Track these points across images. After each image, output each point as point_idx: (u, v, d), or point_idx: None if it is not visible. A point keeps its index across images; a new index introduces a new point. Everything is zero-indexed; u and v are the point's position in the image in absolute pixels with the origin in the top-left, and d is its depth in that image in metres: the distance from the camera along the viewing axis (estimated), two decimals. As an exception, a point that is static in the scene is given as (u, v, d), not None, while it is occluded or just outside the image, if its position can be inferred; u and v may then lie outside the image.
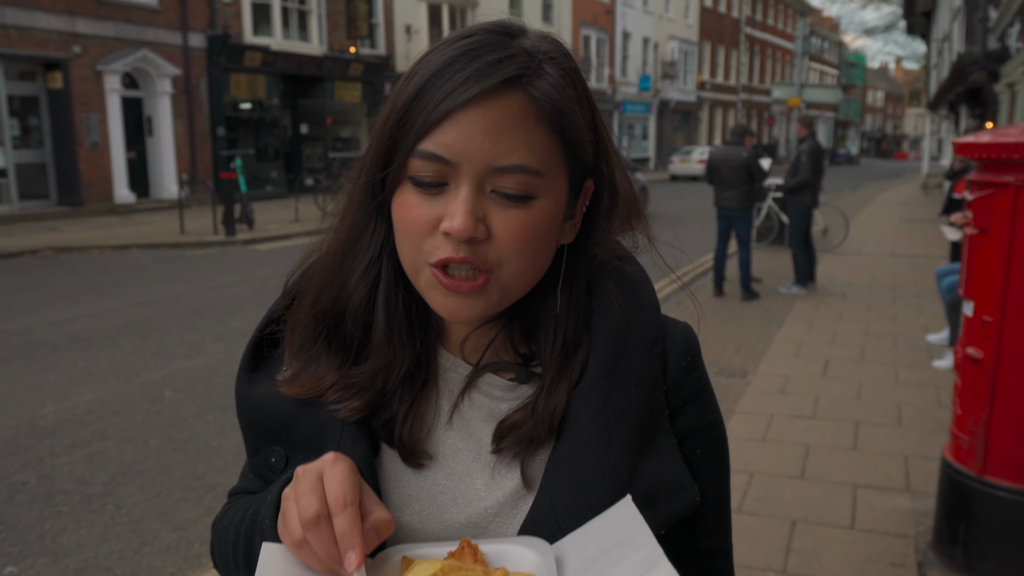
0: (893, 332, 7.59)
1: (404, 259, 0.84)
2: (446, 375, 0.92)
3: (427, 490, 0.89)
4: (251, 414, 0.93)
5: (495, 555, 0.79)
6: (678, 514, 0.83)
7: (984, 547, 3.22)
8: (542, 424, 0.86)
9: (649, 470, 0.83)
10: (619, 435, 0.83)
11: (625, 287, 0.90)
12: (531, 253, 0.81)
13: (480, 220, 0.78)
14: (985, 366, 3.18)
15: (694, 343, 0.92)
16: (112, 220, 16.81)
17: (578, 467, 0.83)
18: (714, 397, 0.93)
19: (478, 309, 0.82)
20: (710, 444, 0.91)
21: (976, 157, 3.18)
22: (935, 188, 26.80)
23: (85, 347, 7.07)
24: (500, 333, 0.90)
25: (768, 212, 12.60)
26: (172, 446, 4.85)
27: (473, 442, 0.90)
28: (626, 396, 0.85)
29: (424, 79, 0.78)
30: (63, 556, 3.61)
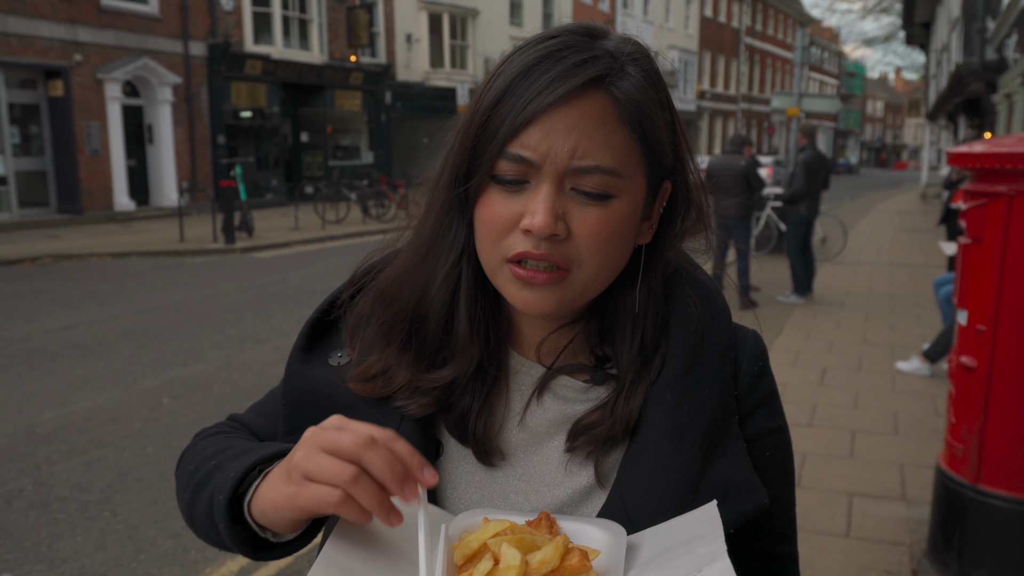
0: (890, 341, 7.60)
1: (483, 256, 0.85)
2: (517, 376, 0.93)
3: (499, 489, 0.90)
4: (300, 394, 0.93)
5: (570, 532, 0.81)
6: (746, 515, 0.84)
7: (978, 555, 3.23)
8: (620, 424, 0.87)
9: (719, 470, 0.85)
10: (691, 434, 0.85)
11: (701, 294, 0.92)
12: (609, 251, 0.83)
13: (560, 218, 0.80)
14: (979, 375, 3.19)
15: (763, 350, 0.94)
16: (112, 228, 16.83)
17: (650, 463, 0.85)
18: (781, 403, 0.95)
19: (553, 303, 0.83)
20: (778, 448, 0.93)
21: (970, 167, 3.20)
22: (934, 198, 26.85)
23: (83, 354, 7.07)
24: (577, 335, 0.91)
25: (767, 221, 12.62)
26: (170, 453, 4.85)
27: (545, 442, 0.91)
28: (700, 397, 0.86)
29: (509, 80, 0.79)
30: (59, 563, 3.61)
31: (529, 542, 0.75)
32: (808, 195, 9.35)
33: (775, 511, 0.90)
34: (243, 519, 0.81)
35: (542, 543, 0.75)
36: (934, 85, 32.97)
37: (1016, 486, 3.13)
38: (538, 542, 0.75)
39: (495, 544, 0.74)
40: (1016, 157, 3.00)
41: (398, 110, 26.10)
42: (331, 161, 24.46)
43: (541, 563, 0.72)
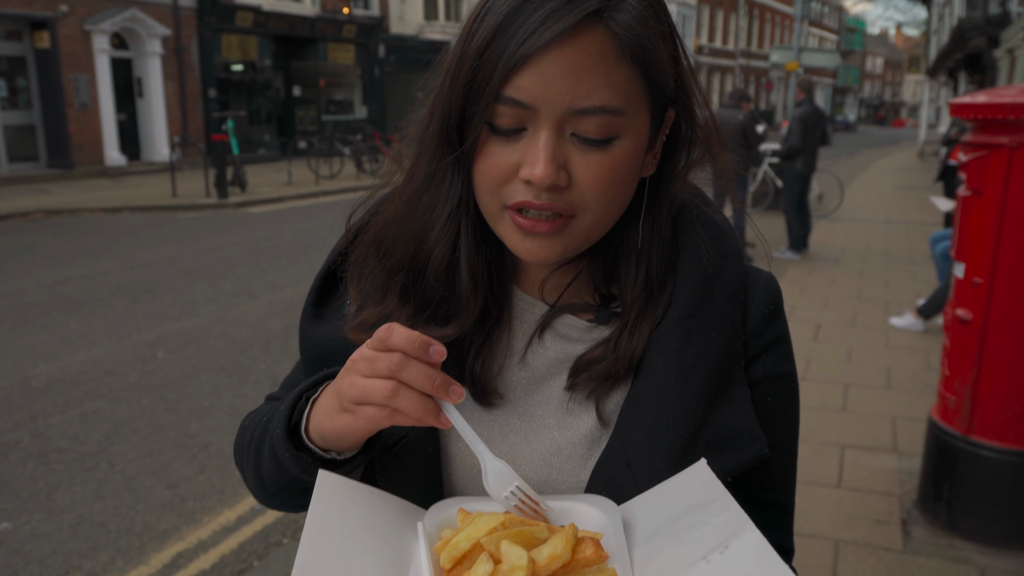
0: (885, 297, 7.62)
1: (482, 204, 0.82)
2: (521, 315, 0.90)
3: (498, 429, 0.88)
4: (314, 349, 0.93)
5: (559, 512, 0.77)
6: (745, 464, 0.82)
7: (967, 505, 3.27)
8: (623, 360, 0.85)
9: (721, 417, 0.82)
10: (696, 378, 0.82)
11: (712, 233, 0.89)
12: (614, 195, 0.79)
13: (561, 166, 0.76)
14: (974, 327, 3.20)
15: (777, 293, 0.91)
16: (103, 183, 16.68)
17: (652, 406, 0.82)
18: (791, 349, 0.92)
19: (557, 251, 0.80)
20: (782, 395, 0.90)
21: (972, 118, 3.16)
22: (932, 156, 26.72)
23: (77, 309, 7.05)
24: (582, 273, 0.88)
25: (764, 177, 12.55)
26: (165, 406, 4.86)
27: (546, 381, 0.89)
28: (706, 340, 0.84)
29: (499, 19, 0.74)
30: (57, 512, 3.64)
31: (529, 535, 0.68)
32: (804, 151, 9.27)
33: (773, 459, 0.87)
34: (305, 446, 0.83)
35: (543, 535, 0.68)
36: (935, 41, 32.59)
37: (1007, 437, 3.16)
38: (538, 534, 0.68)
39: (491, 542, 0.67)
40: (1018, 108, 2.97)
41: (392, 64, 25.74)
42: (324, 116, 24.17)
43: (551, 559, 0.65)
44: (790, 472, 0.93)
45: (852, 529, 3.37)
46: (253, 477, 0.92)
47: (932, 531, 3.35)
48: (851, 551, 3.21)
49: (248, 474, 0.94)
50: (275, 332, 6.37)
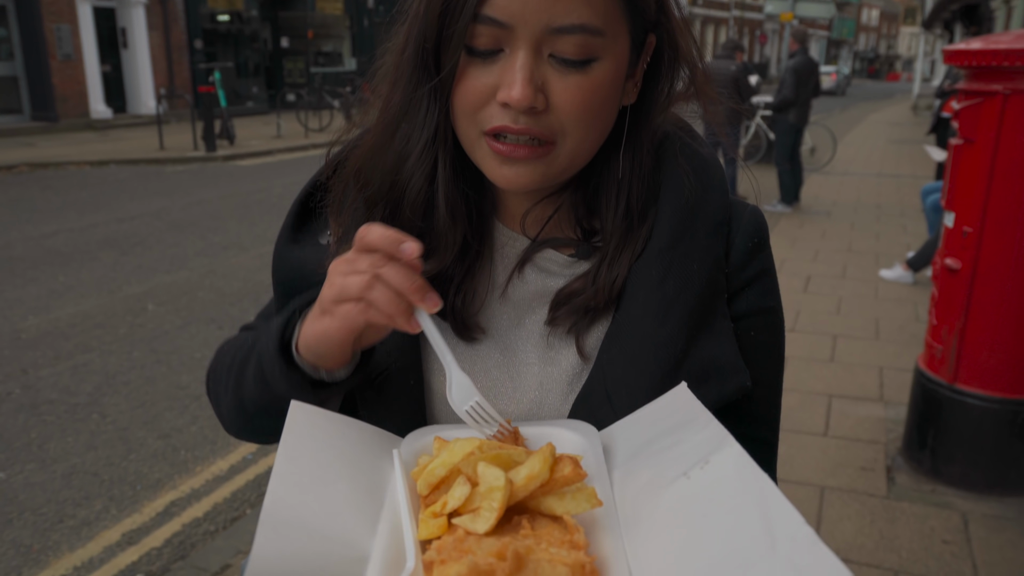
0: (875, 250, 7.63)
1: (460, 132, 0.80)
2: (502, 249, 0.89)
3: (479, 363, 0.88)
4: (288, 272, 0.92)
5: (536, 438, 0.77)
6: (727, 397, 0.82)
7: (951, 452, 3.32)
8: (602, 293, 0.84)
9: (703, 349, 0.82)
10: (676, 310, 0.81)
11: (696, 164, 0.87)
12: (593, 120, 0.77)
13: (539, 89, 0.74)
14: (962, 277, 3.21)
15: (762, 226, 0.89)
16: (89, 136, 16.44)
17: (632, 339, 0.82)
18: (776, 283, 0.91)
19: (536, 178, 0.78)
20: (765, 329, 0.89)
21: (966, 65, 3.13)
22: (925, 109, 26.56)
23: (65, 262, 7.00)
24: (563, 206, 0.87)
25: (756, 130, 12.47)
26: (156, 358, 4.86)
27: (527, 316, 0.88)
28: (687, 272, 0.83)
29: None
30: (50, 463, 3.65)
31: (507, 457, 0.66)
32: (797, 102, 9.18)
33: (756, 394, 0.86)
34: (295, 363, 0.81)
35: (521, 457, 0.67)
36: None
37: (992, 385, 3.20)
38: (516, 456, 0.67)
39: (468, 466, 0.66)
40: (1013, 54, 2.93)
41: (381, 14, 25.26)
42: (313, 68, 23.79)
43: (528, 479, 0.64)
44: (774, 408, 0.92)
45: (837, 476, 3.43)
46: (231, 401, 0.91)
47: (916, 478, 3.40)
48: (836, 497, 3.27)
49: (225, 399, 0.93)
50: (265, 285, 6.35)
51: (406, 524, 0.64)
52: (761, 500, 0.57)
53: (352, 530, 0.65)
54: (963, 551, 2.90)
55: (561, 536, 0.61)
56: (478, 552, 0.58)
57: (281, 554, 0.59)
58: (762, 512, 0.56)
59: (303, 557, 0.60)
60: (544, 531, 0.62)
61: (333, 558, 0.62)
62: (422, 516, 0.65)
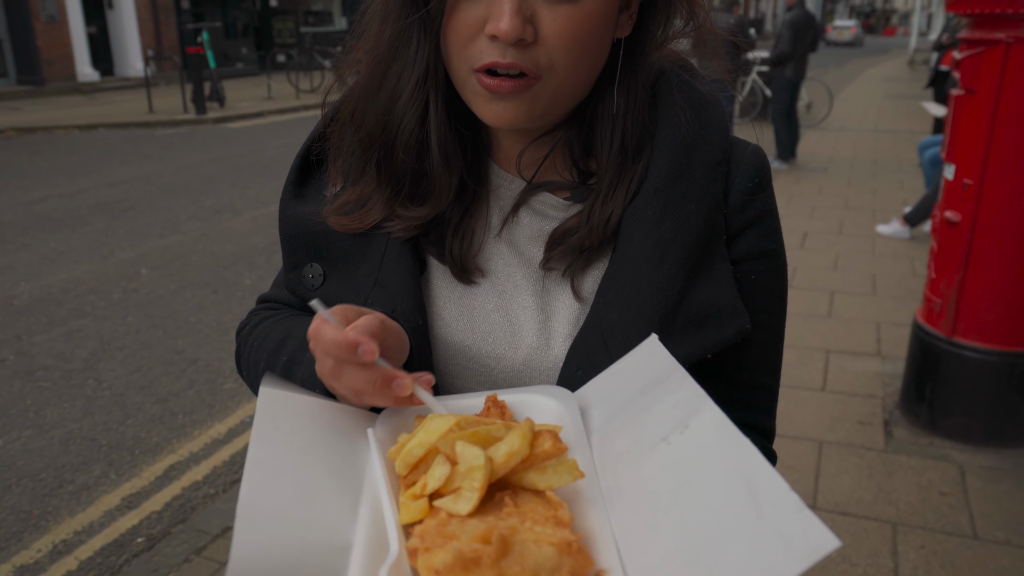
0: (872, 205, 7.60)
1: (451, 70, 0.78)
2: (497, 191, 0.88)
3: (478, 307, 0.86)
4: (293, 227, 0.90)
5: (513, 405, 0.75)
6: (726, 340, 0.79)
7: (949, 405, 3.32)
8: (596, 232, 0.81)
9: (701, 292, 0.79)
10: (673, 251, 0.79)
11: (693, 101, 0.84)
12: (583, 53, 0.74)
13: (527, 20, 0.71)
14: (962, 229, 3.18)
15: (764, 165, 0.86)
16: (76, 99, 16.21)
17: (629, 281, 0.79)
18: (779, 225, 0.87)
19: (523, 113, 0.76)
20: (766, 272, 0.86)
21: (969, 13, 3.07)
22: (922, 64, 26.30)
23: (56, 227, 6.94)
24: (558, 145, 0.85)
25: (752, 87, 12.33)
26: (151, 322, 4.84)
27: (523, 259, 0.87)
28: (684, 212, 0.80)
29: None
30: (48, 428, 3.65)
31: (486, 434, 0.64)
32: (794, 57, 9.05)
33: (756, 338, 0.83)
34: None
35: (500, 433, 0.65)
36: (929, -57, 31.64)
37: (990, 338, 3.19)
38: (495, 432, 0.65)
39: (446, 444, 0.63)
40: (1018, 1, 2.87)
41: (370, -28, 24.79)
42: (303, 27, 23.39)
43: (508, 455, 0.62)
44: (774, 353, 0.90)
45: (835, 430, 3.44)
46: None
47: (913, 431, 3.42)
48: (834, 451, 3.28)
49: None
50: (259, 248, 6.30)
51: (387, 509, 0.62)
52: (744, 466, 0.55)
53: (333, 517, 0.63)
54: (960, 503, 2.92)
55: (545, 512, 0.60)
56: (462, 537, 0.56)
57: (262, 547, 0.57)
58: (745, 479, 0.54)
59: (285, 549, 0.58)
60: (527, 507, 0.61)
61: (316, 548, 0.60)
62: (402, 498, 0.63)
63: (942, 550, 2.68)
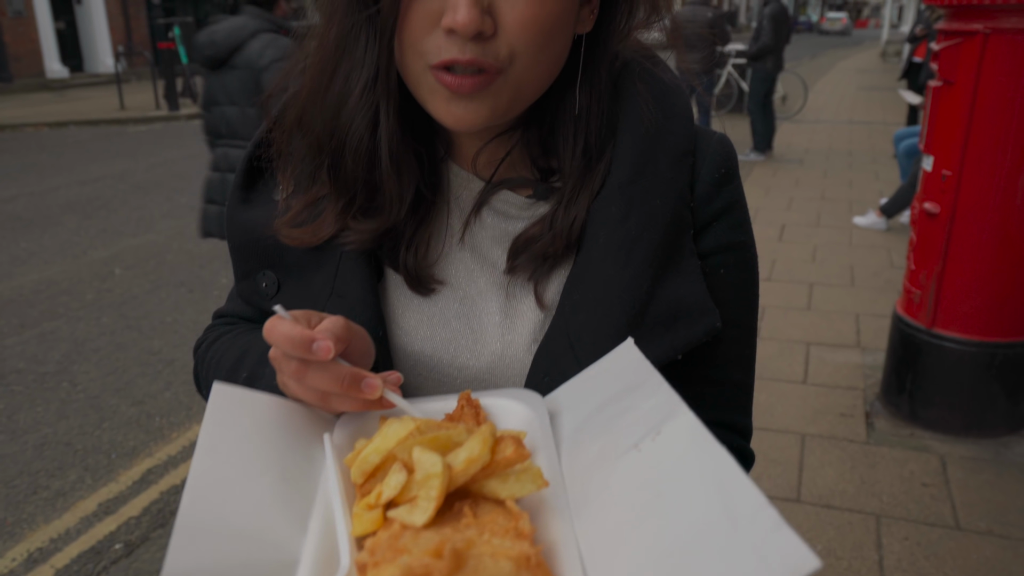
0: (848, 197, 7.65)
1: (403, 68, 0.73)
2: (457, 192, 0.84)
3: (439, 315, 0.83)
4: (242, 236, 0.86)
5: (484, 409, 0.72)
6: (696, 339, 0.77)
7: (929, 396, 3.34)
8: (560, 238, 0.78)
9: (669, 290, 0.76)
10: (640, 249, 0.76)
11: (656, 91, 0.81)
12: (545, 42, 0.71)
13: (485, 11, 0.67)
14: (941, 221, 3.20)
15: (730, 155, 0.83)
16: (45, 96, 15.94)
17: (594, 282, 0.76)
18: (747, 216, 0.84)
19: (485, 112, 0.72)
20: (736, 266, 0.83)
21: (945, 4, 3.08)
22: (894, 56, 26.56)
23: (26, 227, 6.81)
24: (516, 145, 0.81)
25: (727, 79, 12.38)
26: (126, 323, 4.76)
27: (487, 263, 0.83)
28: (650, 208, 0.77)
29: None
30: (21, 433, 3.57)
31: (445, 439, 0.61)
32: (774, 49, 9.14)
33: (728, 334, 0.81)
34: None
35: (461, 438, 0.61)
36: (900, -65, 31.94)
37: (969, 328, 3.21)
38: (455, 437, 0.61)
39: (403, 451, 0.60)
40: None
41: (344, -35, 24.61)
42: (276, 22, 23.17)
43: (468, 462, 0.58)
44: (748, 348, 0.87)
45: (817, 423, 3.45)
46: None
47: (894, 422, 3.44)
48: (816, 444, 3.29)
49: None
50: (235, 246, 6.22)
51: (339, 520, 0.59)
52: (719, 477, 0.52)
53: (281, 530, 0.59)
54: (942, 493, 2.94)
55: (505, 524, 0.56)
56: (414, 550, 0.52)
57: (200, 563, 0.53)
58: (720, 491, 0.51)
59: (225, 565, 0.54)
60: (487, 518, 0.57)
61: (259, 563, 0.56)
62: (356, 509, 0.60)
63: (925, 541, 2.69)
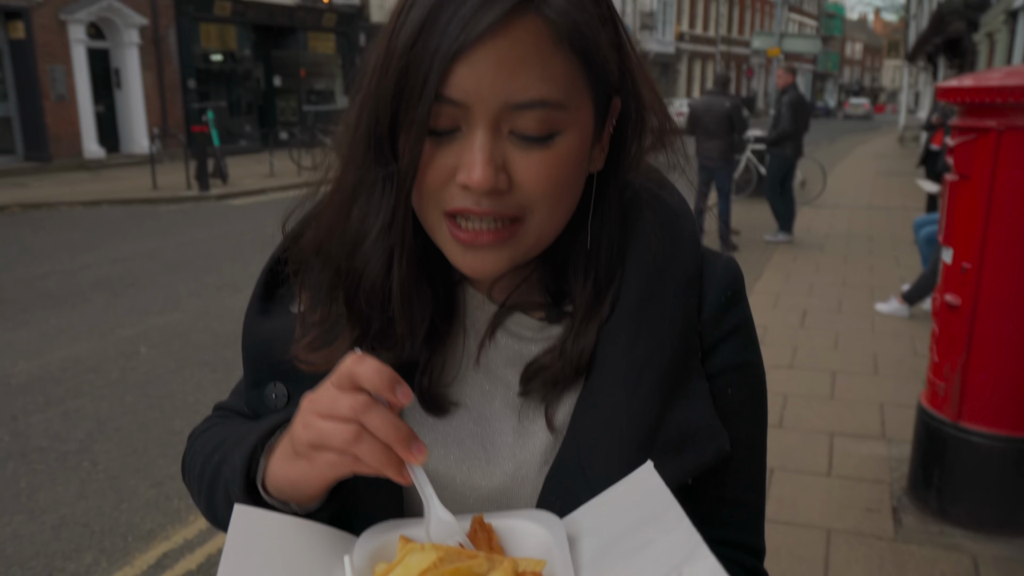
0: (870, 283, 7.64)
1: (419, 213, 0.76)
2: (473, 314, 0.85)
3: (453, 434, 0.84)
4: (258, 346, 0.87)
5: (501, 531, 0.73)
6: (706, 463, 0.78)
7: (957, 491, 3.27)
8: (570, 365, 0.80)
9: (679, 414, 0.77)
10: (649, 375, 0.77)
11: (663, 218, 0.83)
12: (560, 196, 0.73)
13: (500, 168, 0.70)
14: (963, 313, 3.19)
15: (737, 278, 0.85)
16: (82, 175, 16.45)
17: (604, 408, 0.77)
18: (755, 337, 0.86)
19: (503, 262, 0.74)
20: (743, 385, 0.84)
21: (958, 102, 3.15)
22: (912, 141, 26.87)
23: (57, 304, 6.94)
24: (531, 275, 0.83)
25: (747, 164, 12.56)
26: (148, 403, 4.80)
27: (500, 384, 0.84)
28: (658, 334, 0.78)
29: (425, 12, 0.68)
30: (39, 513, 3.57)
31: (467, 571, 0.62)
32: (793, 136, 9.35)
33: (737, 454, 0.81)
34: (264, 501, 0.76)
35: (482, 568, 0.62)
36: (914, 26, 32.75)
37: (997, 423, 3.16)
38: (476, 568, 0.62)
39: None
40: (1005, 91, 2.95)
41: (373, 53, 25.50)
42: (305, 106, 23.96)
43: None
44: (757, 467, 0.87)
45: (843, 518, 3.37)
46: (206, 510, 0.87)
47: (923, 518, 3.35)
48: (843, 540, 3.21)
49: (201, 505, 0.89)
50: (259, 326, 6.29)
51: None
52: None
53: None
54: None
55: None
56: None
57: None
58: None
59: None
60: None
61: None
62: None
63: (959, 646, 2.60)
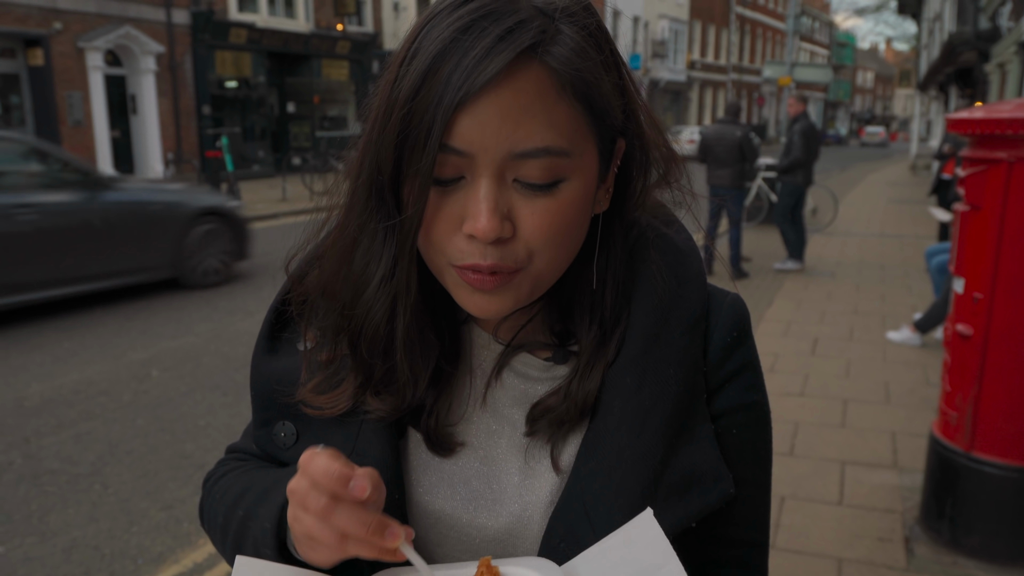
0: (881, 311, 7.62)
1: (426, 258, 0.76)
2: (479, 354, 0.86)
3: (459, 474, 0.84)
4: (265, 384, 0.88)
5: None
6: (710, 506, 0.78)
7: (970, 522, 3.24)
8: (575, 407, 0.80)
9: (683, 458, 0.78)
10: (654, 418, 0.78)
11: (669, 258, 0.83)
12: (564, 241, 0.74)
13: (505, 217, 0.70)
14: (974, 343, 3.19)
15: (743, 317, 0.84)
16: (97, 199, 16.60)
17: (609, 451, 0.78)
18: (760, 376, 0.86)
19: (509, 303, 0.75)
20: (748, 425, 0.84)
21: (969, 133, 3.17)
22: (924, 169, 26.87)
23: (70, 327, 7.00)
24: (536, 315, 0.84)
25: (758, 192, 12.59)
26: (160, 425, 4.82)
27: (507, 424, 0.85)
28: (663, 377, 0.79)
29: (428, 62, 0.68)
30: (51, 536, 3.58)
31: None
32: (804, 164, 9.39)
33: (742, 494, 0.82)
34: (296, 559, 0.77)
35: None
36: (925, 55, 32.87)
37: (1010, 453, 3.14)
38: None
39: None
40: (1016, 123, 2.97)
41: (386, 80, 25.75)
42: (318, 132, 24.18)
43: None
44: (761, 507, 0.88)
45: (855, 547, 3.34)
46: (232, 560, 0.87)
47: (935, 549, 3.32)
48: (854, 569, 3.18)
49: (226, 555, 0.89)
50: (270, 350, 6.32)
51: None
52: None
53: None
54: (989, 628, 2.81)
55: None
56: None
57: None
58: None
59: None
60: None
61: None
62: None
63: None
